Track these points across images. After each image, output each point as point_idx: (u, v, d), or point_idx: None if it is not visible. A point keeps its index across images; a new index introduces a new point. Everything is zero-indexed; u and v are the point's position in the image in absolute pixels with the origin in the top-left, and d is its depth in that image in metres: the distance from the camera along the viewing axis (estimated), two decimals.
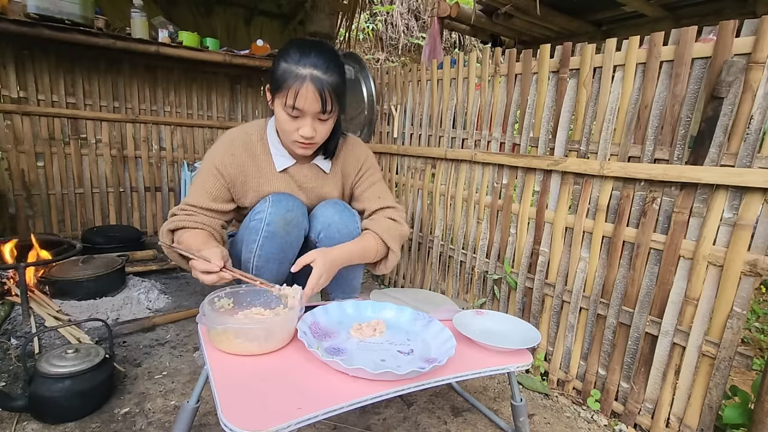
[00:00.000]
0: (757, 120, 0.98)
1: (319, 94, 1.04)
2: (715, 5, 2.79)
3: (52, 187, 2.41)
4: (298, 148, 1.14)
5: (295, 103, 1.04)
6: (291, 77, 1.03)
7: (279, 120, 1.11)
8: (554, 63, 1.39)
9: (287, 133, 1.12)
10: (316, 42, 1.10)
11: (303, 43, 1.09)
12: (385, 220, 1.25)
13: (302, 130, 1.08)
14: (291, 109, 1.06)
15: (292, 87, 1.03)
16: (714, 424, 1.08)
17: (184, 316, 1.70)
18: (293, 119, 1.08)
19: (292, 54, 1.05)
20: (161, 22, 2.37)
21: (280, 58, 1.07)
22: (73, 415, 1.09)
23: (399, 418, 1.21)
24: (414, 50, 6.88)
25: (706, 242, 1.07)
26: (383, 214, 1.27)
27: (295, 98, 1.04)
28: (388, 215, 1.27)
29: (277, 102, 1.09)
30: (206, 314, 0.85)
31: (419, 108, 1.99)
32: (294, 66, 1.04)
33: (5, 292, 1.64)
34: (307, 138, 1.09)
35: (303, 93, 1.03)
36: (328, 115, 1.09)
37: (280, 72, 1.05)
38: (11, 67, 2.21)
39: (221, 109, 2.91)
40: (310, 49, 1.06)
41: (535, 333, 1.03)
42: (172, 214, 1.16)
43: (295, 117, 1.08)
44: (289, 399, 0.70)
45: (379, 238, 1.21)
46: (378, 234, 1.21)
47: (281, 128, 1.13)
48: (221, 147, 1.20)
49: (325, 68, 1.05)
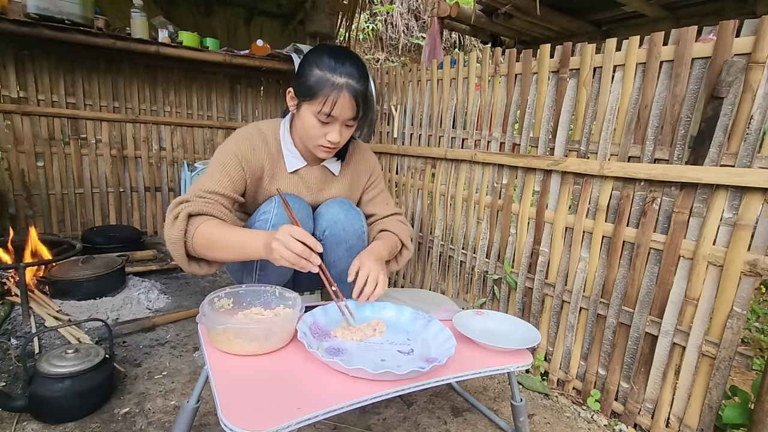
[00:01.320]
0: (757, 120, 0.98)
1: (355, 102, 1.06)
2: (715, 5, 2.79)
3: (52, 187, 2.41)
4: (322, 152, 1.15)
5: (332, 111, 1.05)
6: (327, 86, 1.04)
7: (307, 125, 1.11)
8: (554, 63, 1.39)
9: (313, 138, 1.12)
10: (346, 50, 1.12)
11: (334, 50, 1.09)
12: (398, 223, 1.34)
13: (330, 135, 1.09)
14: (325, 117, 1.07)
15: (330, 96, 1.04)
16: (714, 424, 1.08)
17: (184, 316, 1.70)
18: (323, 125, 1.09)
19: (327, 62, 1.05)
20: (161, 22, 2.37)
21: (313, 66, 1.06)
22: (73, 415, 1.09)
23: (399, 418, 1.21)
24: (414, 50, 6.88)
25: (706, 242, 1.07)
26: (394, 218, 1.36)
27: (333, 106, 1.05)
28: (398, 220, 1.36)
29: (308, 108, 1.09)
30: (206, 314, 0.85)
31: (419, 108, 1.99)
32: (330, 74, 1.04)
33: (5, 292, 1.64)
34: (334, 143, 1.11)
35: (341, 102, 1.04)
36: (356, 121, 1.12)
37: (315, 80, 1.05)
38: (11, 67, 2.21)
39: (221, 109, 2.91)
40: (345, 58, 1.07)
41: (535, 333, 1.03)
42: (182, 201, 1.04)
43: (325, 123, 1.08)
44: (289, 399, 0.70)
45: (396, 236, 1.28)
46: (395, 233, 1.29)
47: (307, 133, 1.12)
48: (242, 139, 1.17)
49: (358, 76, 1.06)
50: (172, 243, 1.01)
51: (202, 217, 1.03)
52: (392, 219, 1.35)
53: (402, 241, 1.30)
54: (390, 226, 1.30)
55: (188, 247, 1.02)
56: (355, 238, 1.22)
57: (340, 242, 1.21)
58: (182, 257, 1.03)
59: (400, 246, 1.30)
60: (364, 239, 1.25)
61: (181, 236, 1.00)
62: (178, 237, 1.00)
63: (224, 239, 0.99)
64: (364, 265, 1.05)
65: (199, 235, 1.00)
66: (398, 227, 1.30)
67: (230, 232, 1.00)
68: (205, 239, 1.00)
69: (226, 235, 0.99)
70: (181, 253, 1.02)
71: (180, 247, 1.01)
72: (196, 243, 1.01)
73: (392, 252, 1.25)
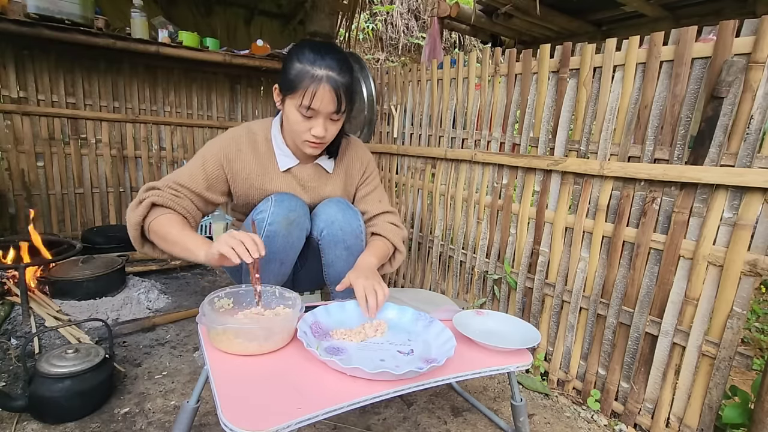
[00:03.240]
0: (757, 120, 0.98)
1: (335, 94, 1.06)
2: (715, 5, 2.78)
3: (52, 187, 2.41)
4: (308, 147, 1.15)
5: (312, 104, 1.05)
6: (307, 78, 1.04)
7: (291, 120, 1.11)
8: (554, 63, 1.39)
9: (298, 133, 1.12)
10: (328, 43, 1.12)
11: (316, 44, 1.09)
12: (389, 224, 1.31)
13: (314, 129, 1.09)
14: (306, 110, 1.07)
15: (309, 88, 1.04)
16: (714, 424, 1.08)
17: (184, 316, 1.70)
18: (306, 119, 1.09)
19: (307, 55, 1.05)
20: (161, 22, 2.37)
21: (294, 59, 1.07)
22: (73, 415, 1.09)
23: (399, 418, 1.21)
24: (414, 50, 6.88)
25: (706, 242, 1.07)
26: (385, 218, 1.33)
27: (312, 99, 1.04)
28: (389, 220, 1.32)
29: (290, 102, 1.09)
30: (206, 314, 0.85)
31: (419, 108, 1.99)
32: (310, 67, 1.04)
33: (5, 292, 1.64)
34: (319, 137, 1.11)
35: (320, 94, 1.04)
36: (340, 115, 1.11)
37: (295, 73, 1.05)
38: (11, 67, 2.21)
39: (221, 109, 2.90)
40: (325, 51, 1.07)
41: (535, 333, 1.03)
42: (152, 188, 1.09)
43: (309, 117, 1.08)
44: (288, 399, 0.70)
45: (388, 240, 1.27)
46: (387, 237, 1.28)
47: (292, 128, 1.13)
48: (228, 140, 1.19)
49: (339, 69, 1.06)
50: (131, 225, 1.08)
51: (164, 209, 1.08)
52: (384, 221, 1.32)
53: (394, 245, 1.29)
54: (382, 230, 1.28)
55: (144, 231, 1.09)
56: (353, 238, 1.22)
57: (338, 242, 1.21)
58: (137, 239, 1.09)
59: (392, 250, 1.29)
60: (362, 239, 1.25)
61: (139, 221, 1.07)
62: (136, 222, 1.07)
63: (176, 239, 1.02)
64: (357, 284, 1.03)
65: (157, 225, 1.05)
66: (390, 230, 1.29)
67: (182, 234, 1.03)
68: (161, 233, 1.04)
69: (178, 236, 1.02)
70: (135, 235, 1.09)
71: (136, 231, 1.08)
72: (152, 231, 1.06)
73: (383, 258, 1.23)
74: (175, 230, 1.03)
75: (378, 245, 1.24)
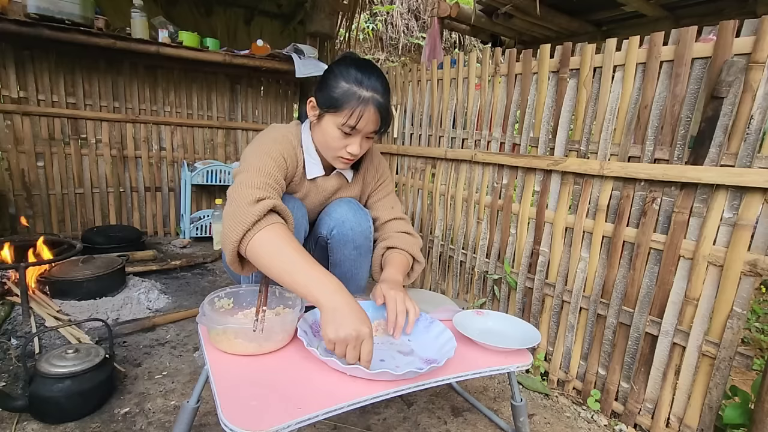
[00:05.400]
0: (757, 120, 0.98)
1: (380, 116, 1.06)
2: (715, 5, 2.79)
3: (52, 187, 2.41)
4: (341, 163, 1.15)
5: (357, 125, 1.05)
6: (354, 99, 1.04)
7: (328, 136, 1.10)
8: (554, 63, 1.39)
9: (334, 150, 1.12)
10: (369, 62, 1.11)
11: (360, 63, 1.09)
12: (403, 235, 1.25)
13: (351, 147, 1.09)
14: (349, 129, 1.06)
15: (357, 109, 1.04)
16: (714, 424, 1.08)
17: (184, 316, 1.70)
18: (345, 137, 1.09)
19: (354, 74, 1.05)
20: (161, 22, 2.37)
21: (339, 78, 1.06)
22: (73, 415, 1.09)
23: (399, 418, 1.21)
24: (414, 50, 6.88)
25: (706, 242, 1.07)
26: (397, 226, 1.28)
27: (358, 120, 1.04)
28: (402, 229, 1.27)
29: (331, 119, 1.08)
30: (206, 314, 0.85)
31: (419, 108, 1.99)
32: (357, 88, 1.04)
33: (5, 292, 1.63)
34: (354, 155, 1.11)
35: (366, 115, 1.04)
36: (377, 134, 1.12)
37: (341, 92, 1.05)
38: (11, 67, 2.22)
39: (221, 109, 2.90)
40: (370, 71, 1.07)
41: (535, 333, 1.03)
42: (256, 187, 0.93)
43: (348, 135, 1.08)
44: (289, 399, 0.70)
45: (407, 253, 1.22)
46: (406, 249, 1.22)
47: (328, 144, 1.12)
48: (280, 137, 1.13)
49: (383, 90, 1.07)
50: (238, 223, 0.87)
51: (278, 217, 0.93)
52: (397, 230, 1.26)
53: (413, 256, 1.24)
54: (399, 243, 1.22)
55: (247, 237, 0.88)
56: (362, 239, 1.22)
57: (347, 242, 1.21)
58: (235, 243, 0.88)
59: (411, 263, 1.24)
60: (371, 239, 1.25)
61: (252, 222, 0.87)
62: (250, 221, 0.86)
63: (289, 261, 0.85)
64: (390, 297, 0.98)
65: (269, 235, 0.87)
66: (407, 242, 1.23)
67: (300, 259, 0.85)
68: (269, 246, 0.86)
69: (294, 256, 0.85)
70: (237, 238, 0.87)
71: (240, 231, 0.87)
72: (256, 239, 0.87)
73: (405, 272, 1.19)
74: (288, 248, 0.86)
75: (399, 260, 1.19)
